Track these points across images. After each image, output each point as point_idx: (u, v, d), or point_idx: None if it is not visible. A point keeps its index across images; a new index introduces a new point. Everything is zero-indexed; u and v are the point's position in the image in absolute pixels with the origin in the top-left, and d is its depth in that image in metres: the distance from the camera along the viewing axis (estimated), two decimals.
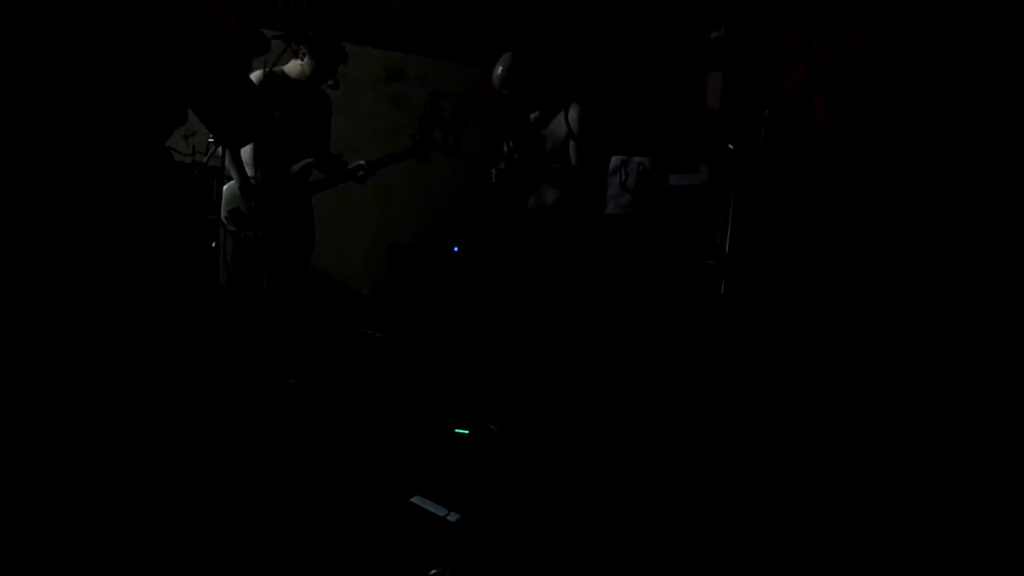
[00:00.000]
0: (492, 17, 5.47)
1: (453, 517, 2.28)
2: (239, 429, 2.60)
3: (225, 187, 3.50)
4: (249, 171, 3.51)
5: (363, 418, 3.26)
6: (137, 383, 1.56)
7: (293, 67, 3.52)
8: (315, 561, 1.96)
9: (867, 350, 2.31)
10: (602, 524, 2.28)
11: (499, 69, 3.60)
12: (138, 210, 1.53)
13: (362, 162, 3.75)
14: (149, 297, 1.56)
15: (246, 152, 3.49)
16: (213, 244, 3.50)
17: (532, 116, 3.74)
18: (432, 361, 4.33)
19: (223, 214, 3.47)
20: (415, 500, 2.37)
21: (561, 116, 3.57)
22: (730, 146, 2.51)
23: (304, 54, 3.48)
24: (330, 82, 3.62)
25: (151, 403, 1.59)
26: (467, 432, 3.06)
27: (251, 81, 1.80)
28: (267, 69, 3.33)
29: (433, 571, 1.93)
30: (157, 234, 1.57)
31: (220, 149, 3.36)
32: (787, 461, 2.38)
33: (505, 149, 3.71)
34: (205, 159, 3.46)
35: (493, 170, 3.77)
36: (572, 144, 3.54)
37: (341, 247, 5.10)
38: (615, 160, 3.99)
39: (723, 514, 2.32)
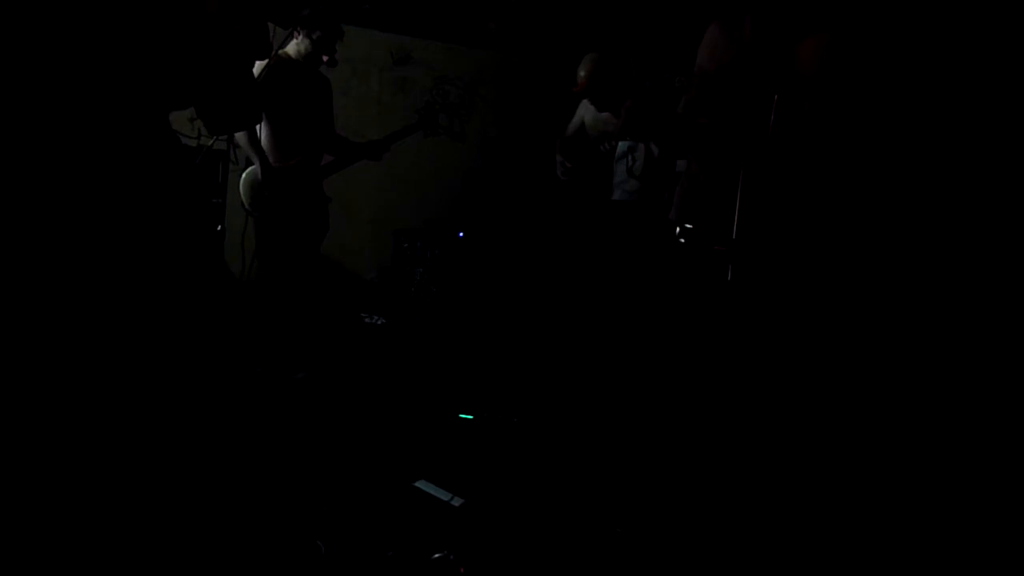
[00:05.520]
0: (498, 1, 5.43)
1: (457, 502, 2.29)
2: (246, 414, 2.61)
3: (244, 173, 3.48)
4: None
5: (368, 403, 3.27)
6: (145, 366, 1.56)
7: (293, 48, 3.49)
8: (320, 544, 1.97)
9: (873, 343, 2.30)
10: (606, 510, 2.28)
11: (585, 67, 3.75)
12: (144, 192, 1.53)
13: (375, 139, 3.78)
14: (156, 280, 1.56)
15: (265, 139, 3.46)
16: (219, 227, 3.50)
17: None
18: (436, 346, 4.33)
19: (245, 201, 3.45)
20: (419, 484, 2.38)
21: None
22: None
23: (299, 32, 3.43)
24: (325, 58, 3.51)
25: (159, 388, 1.60)
26: (471, 417, 3.07)
27: (244, 68, 1.77)
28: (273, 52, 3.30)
29: (437, 555, 1.94)
30: (164, 217, 1.57)
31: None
32: (792, 453, 2.37)
33: (604, 147, 3.93)
34: (211, 142, 3.45)
35: (559, 165, 3.95)
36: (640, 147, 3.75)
37: (347, 232, 5.10)
38: (622, 146, 3.97)
39: (728, 503, 2.32)
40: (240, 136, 3.37)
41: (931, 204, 2.25)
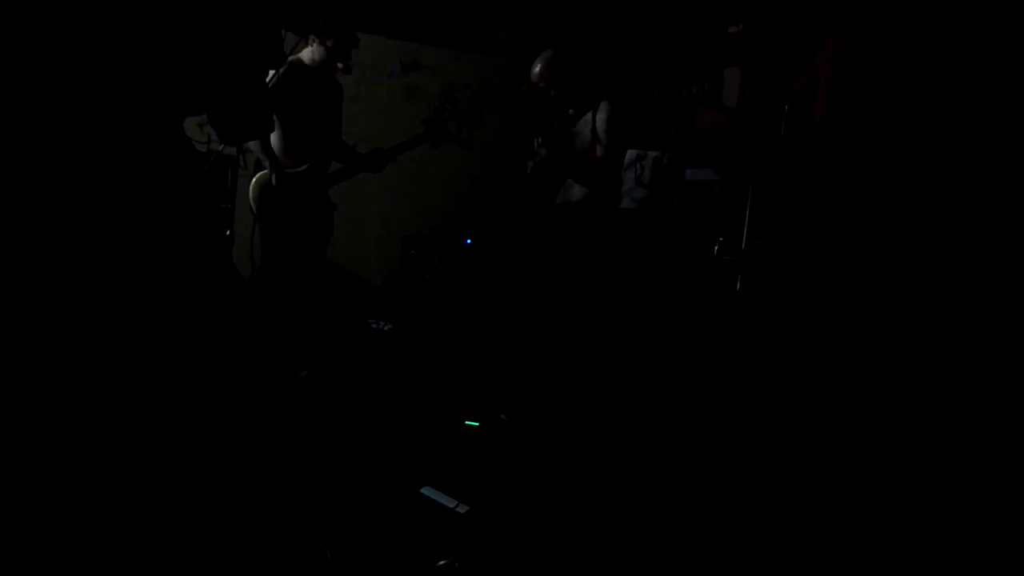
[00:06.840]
0: (508, 8, 5.45)
1: (462, 508, 2.28)
2: (250, 419, 2.61)
3: (255, 178, 3.50)
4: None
5: (374, 409, 3.27)
6: (153, 369, 1.57)
7: (307, 54, 3.51)
8: (325, 551, 1.97)
9: (880, 351, 2.29)
10: (610, 517, 2.28)
11: (539, 65, 3.63)
12: (157, 197, 1.53)
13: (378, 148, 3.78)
14: (167, 283, 1.57)
15: (276, 144, 3.47)
16: (227, 232, 3.51)
17: (570, 112, 3.78)
18: (443, 353, 4.33)
19: (254, 206, 3.47)
20: (425, 491, 2.38)
21: (589, 115, 3.60)
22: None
23: (313, 39, 3.45)
24: (340, 66, 3.53)
25: (166, 391, 1.60)
26: (477, 424, 3.06)
27: (257, 76, 1.78)
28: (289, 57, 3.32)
29: (442, 562, 1.94)
30: (175, 221, 1.57)
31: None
32: (797, 458, 2.36)
33: (536, 145, 3.75)
34: (221, 147, 3.47)
35: (529, 163, 3.78)
36: (599, 142, 3.59)
37: (354, 238, 5.11)
38: (631, 154, 3.97)
39: (732, 510, 2.31)
40: (253, 142, 3.39)
41: (941, 211, 2.24)
